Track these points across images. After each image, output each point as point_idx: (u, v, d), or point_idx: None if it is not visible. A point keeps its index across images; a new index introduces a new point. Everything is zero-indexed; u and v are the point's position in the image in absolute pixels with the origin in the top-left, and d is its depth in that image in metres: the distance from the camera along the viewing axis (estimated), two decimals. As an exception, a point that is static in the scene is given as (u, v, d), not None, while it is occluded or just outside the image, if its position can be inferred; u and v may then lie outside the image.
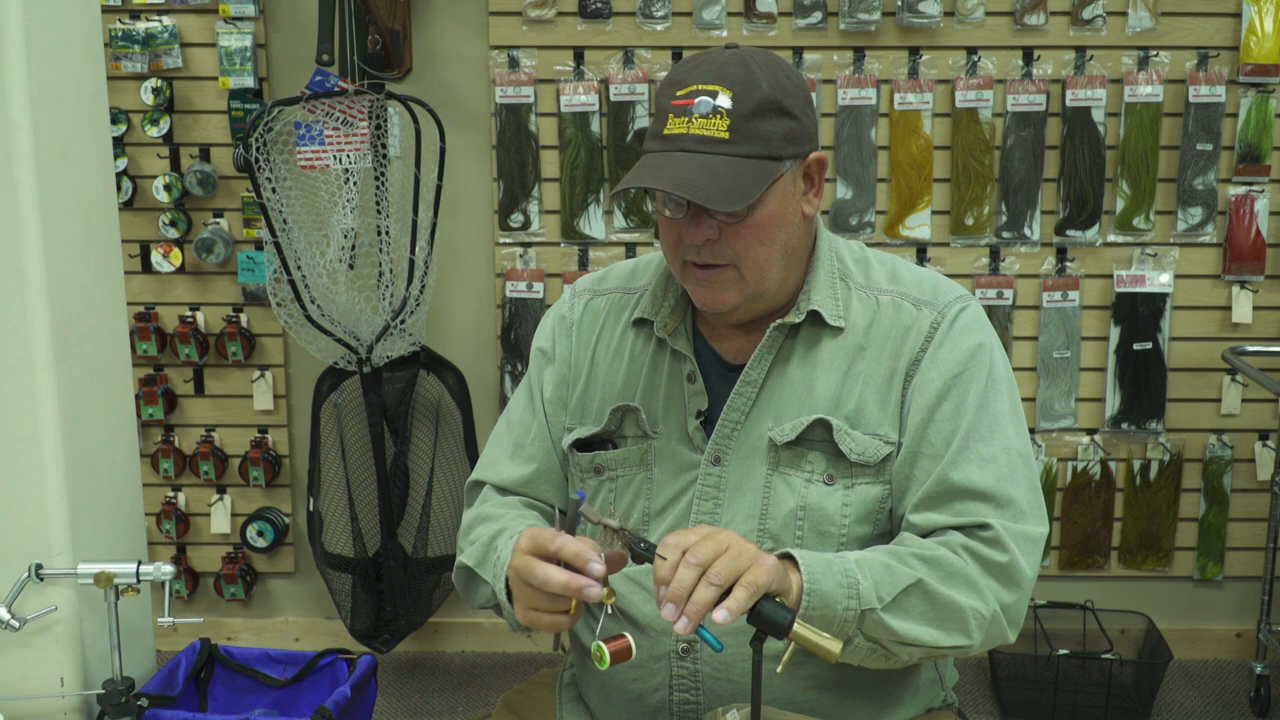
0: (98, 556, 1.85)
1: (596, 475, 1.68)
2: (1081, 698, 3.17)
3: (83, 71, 1.88)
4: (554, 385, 1.74)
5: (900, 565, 1.47)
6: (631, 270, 1.77)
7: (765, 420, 1.60)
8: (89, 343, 1.88)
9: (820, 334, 1.61)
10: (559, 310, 1.77)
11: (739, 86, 1.51)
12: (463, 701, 3.35)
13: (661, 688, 1.60)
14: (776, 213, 1.54)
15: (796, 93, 1.55)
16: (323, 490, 3.30)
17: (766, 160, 1.51)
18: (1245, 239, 3.30)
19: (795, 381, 1.60)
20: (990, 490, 1.52)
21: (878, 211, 3.33)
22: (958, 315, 1.60)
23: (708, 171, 1.48)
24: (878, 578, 1.45)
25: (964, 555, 1.49)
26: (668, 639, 1.59)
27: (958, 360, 1.57)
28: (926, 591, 1.46)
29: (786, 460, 1.58)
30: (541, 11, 3.25)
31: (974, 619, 1.48)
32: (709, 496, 1.60)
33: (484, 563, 1.61)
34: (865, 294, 1.63)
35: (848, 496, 1.57)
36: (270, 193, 2.97)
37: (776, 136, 1.52)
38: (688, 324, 1.67)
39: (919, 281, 1.65)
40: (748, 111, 1.50)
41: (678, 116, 1.52)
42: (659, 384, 1.66)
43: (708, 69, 1.53)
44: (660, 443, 1.64)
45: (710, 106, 1.50)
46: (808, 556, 1.44)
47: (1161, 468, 3.42)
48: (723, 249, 1.53)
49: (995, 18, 3.24)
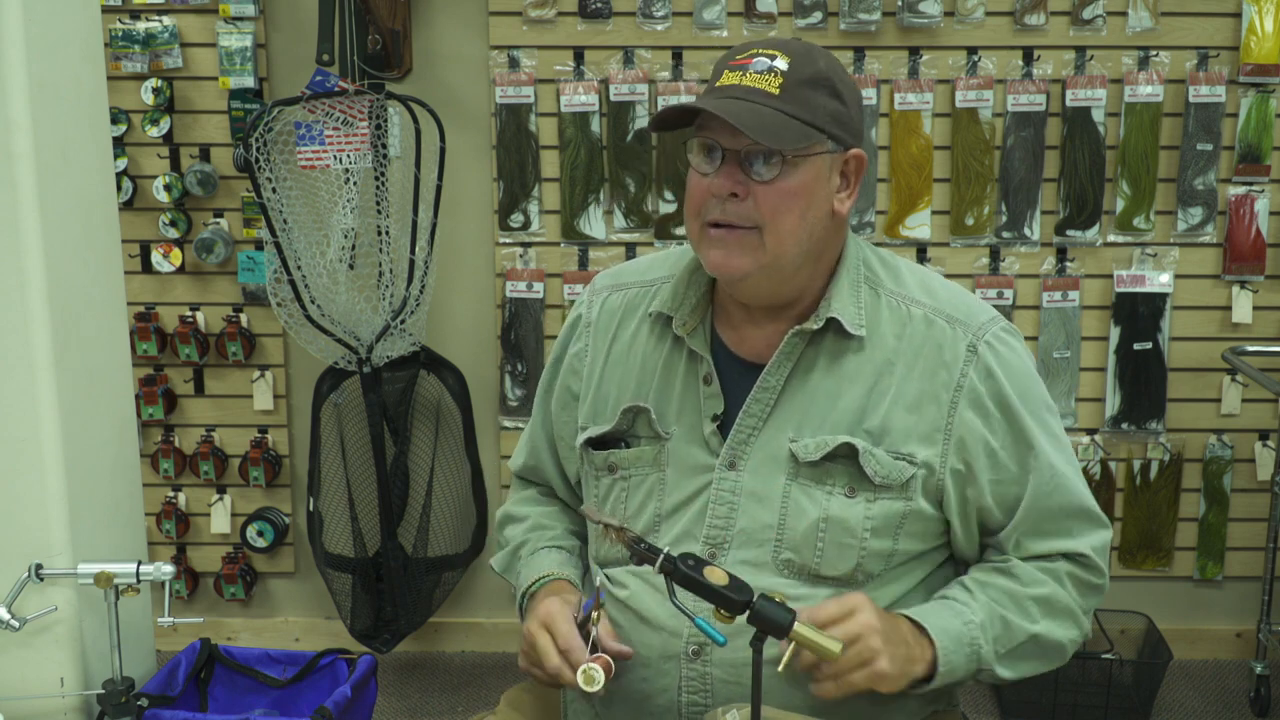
0: (98, 556, 1.85)
1: (610, 474, 1.67)
2: (1081, 698, 3.17)
3: (83, 71, 1.88)
4: (560, 391, 1.76)
5: (1018, 619, 1.58)
6: (650, 263, 1.77)
7: (785, 428, 1.58)
8: (89, 343, 1.88)
9: (845, 344, 1.59)
10: (577, 309, 1.78)
11: (797, 56, 1.53)
12: (463, 701, 3.35)
13: (670, 689, 1.60)
14: (809, 186, 1.53)
15: (851, 87, 1.57)
16: (323, 490, 3.30)
17: (811, 127, 1.52)
18: (1245, 239, 3.30)
19: (818, 393, 1.58)
20: (1084, 505, 1.61)
21: (878, 211, 3.33)
22: (998, 338, 1.60)
23: (755, 113, 1.49)
24: (997, 635, 1.57)
25: (1069, 587, 1.61)
26: (678, 640, 1.58)
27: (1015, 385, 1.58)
28: (1039, 640, 1.59)
29: (807, 473, 1.57)
30: (541, 11, 3.25)
31: (1070, 648, 1.62)
32: (724, 502, 1.59)
33: (509, 571, 1.81)
34: (896, 302, 1.61)
35: (870, 509, 1.56)
36: (270, 193, 2.97)
37: (824, 111, 1.53)
38: (707, 324, 1.65)
39: (952, 298, 1.63)
40: (802, 79, 1.52)
41: (733, 72, 1.53)
42: (673, 383, 1.65)
43: (769, 42, 1.56)
44: (673, 444, 1.63)
45: (766, 65, 1.52)
46: (942, 636, 1.53)
47: (1161, 468, 3.42)
48: (747, 208, 1.52)
49: (995, 18, 3.24)
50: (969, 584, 1.61)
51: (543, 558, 1.75)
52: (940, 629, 1.53)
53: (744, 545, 1.58)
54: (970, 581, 1.61)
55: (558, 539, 1.79)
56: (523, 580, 1.73)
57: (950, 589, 1.62)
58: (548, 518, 1.82)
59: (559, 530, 1.80)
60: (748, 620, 1.36)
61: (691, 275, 1.66)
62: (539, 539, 1.78)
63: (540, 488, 1.87)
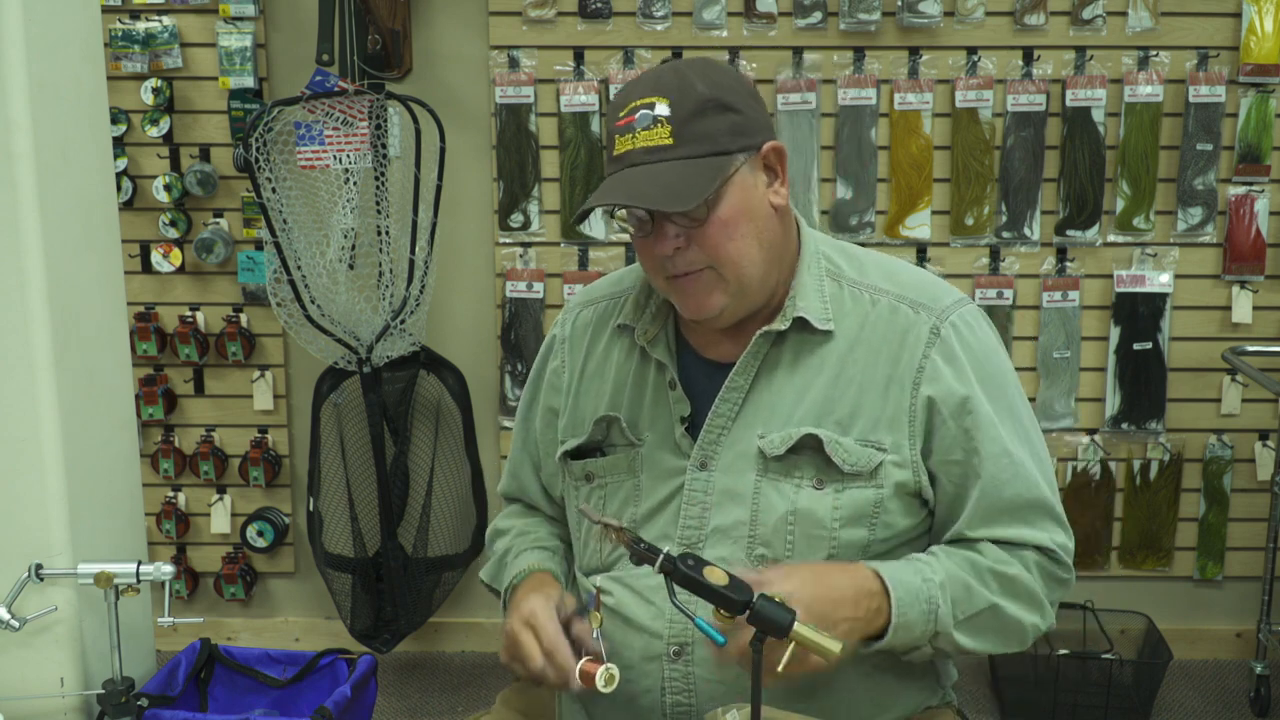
0: (98, 556, 1.85)
1: (588, 482, 1.70)
2: (1081, 698, 3.17)
3: (83, 71, 1.88)
4: (542, 410, 1.79)
5: (980, 586, 1.55)
6: (620, 275, 1.80)
7: (754, 427, 1.60)
8: (89, 343, 1.88)
9: (808, 339, 1.60)
10: (554, 329, 1.81)
11: (675, 93, 1.52)
12: (463, 701, 3.35)
13: (653, 689, 1.60)
14: (740, 207, 1.53)
15: (736, 88, 1.56)
16: (323, 490, 3.30)
17: (715, 157, 1.51)
18: (1245, 239, 3.30)
19: (784, 389, 1.60)
20: (1042, 499, 1.59)
21: (878, 211, 3.33)
22: (963, 319, 1.60)
23: (655, 179, 1.49)
24: (956, 597, 1.54)
25: (1036, 573, 1.58)
26: (659, 642, 1.60)
27: (976, 369, 1.58)
28: (998, 612, 1.56)
29: (776, 469, 1.58)
30: (541, 11, 3.25)
31: (1031, 633, 1.60)
32: (696, 502, 1.61)
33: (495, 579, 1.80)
34: (859, 291, 1.62)
35: (838, 500, 1.57)
36: (270, 193, 2.97)
37: (722, 132, 1.52)
38: (669, 330, 1.67)
39: (917, 283, 1.63)
40: (687, 114, 1.51)
41: (623, 135, 1.53)
42: (644, 391, 1.67)
43: (643, 85, 1.55)
44: (646, 450, 1.65)
45: (650, 118, 1.51)
46: (898, 587, 1.50)
47: (1161, 468, 3.42)
48: (694, 254, 1.53)
49: (995, 18, 3.24)
50: (934, 549, 1.60)
51: (525, 556, 1.77)
52: (896, 579, 1.51)
53: (718, 543, 1.59)
54: (935, 548, 1.60)
55: (541, 540, 1.81)
56: (505, 578, 1.76)
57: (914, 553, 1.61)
58: (532, 525, 1.85)
59: (543, 533, 1.83)
60: (748, 620, 1.35)
61: (649, 285, 1.68)
62: (523, 543, 1.81)
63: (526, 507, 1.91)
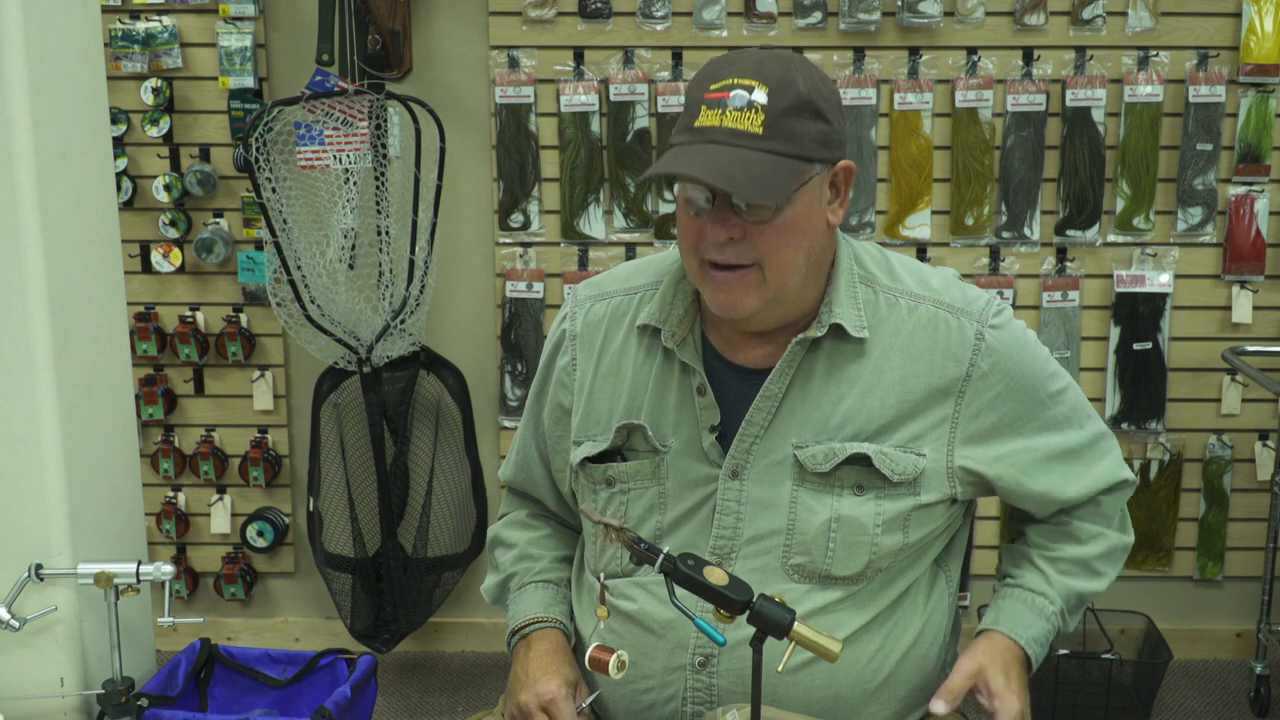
0: (98, 556, 1.85)
1: (608, 487, 1.65)
2: (1081, 698, 3.17)
3: (83, 71, 1.88)
4: (551, 406, 1.73)
5: (1089, 584, 1.69)
6: (631, 270, 1.74)
7: (788, 435, 1.57)
8: (89, 343, 1.89)
9: (844, 347, 1.58)
10: (560, 323, 1.74)
11: (776, 83, 1.48)
12: (463, 701, 3.35)
13: (675, 699, 1.59)
14: (804, 216, 1.51)
15: (831, 97, 1.53)
16: (323, 490, 3.30)
17: (799, 160, 1.48)
18: (1245, 239, 3.30)
19: (820, 398, 1.57)
20: (1121, 475, 1.71)
21: (878, 211, 3.33)
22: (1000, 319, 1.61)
23: (741, 164, 1.45)
24: (1072, 608, 1.69)
25: (1116, 524, 1.73)
26: (683, 651, 1.58)
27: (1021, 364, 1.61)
28: (1100, 591, 1.71)
29: (815, 479, 1.57)
30: (541, 11, 3.25)
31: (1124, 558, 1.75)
32: (729, 511, 1.58)
33: (499, 602, 1.80)
34: (893, 298, 1.60)
35: (879, 506, 1.56)
36: (270, 193, 2.97)
37: (810, 138, 1.49)
38: (696, 333, 1.63)
39: (947, 287, 1.63)
40: (783, 109, 1.47)
41: (711, 109, 1.48)
42: (668, 396, 1.62)
43: (745, 64, 1.50)
44: (672, 456, 1.61)
45: (746, 100, 1.47)
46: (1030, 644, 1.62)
47: (1161, 468, 3.42)
48: (745, 249, 1.49)
49: (995, 18, 3.24)
50: (1039, 561, 1.68)
51: (530, 595, 1.73)
52: (1030, 639, 1.63)
53: (752, 554, 1.58)
54: (1039, 558, 1.69)
55: (544, 572, 1.76)
56: (512, 618, 1.73)
57: (1023, 572, 1.69)
58: (535, 545, 1.79)
59: (546, 561, 1.78)
60: (748, 620, 1.35)
61: (677, 285, 1.64)
62: (526, 572, 1.76)
63: (531, 506, 1.84)
